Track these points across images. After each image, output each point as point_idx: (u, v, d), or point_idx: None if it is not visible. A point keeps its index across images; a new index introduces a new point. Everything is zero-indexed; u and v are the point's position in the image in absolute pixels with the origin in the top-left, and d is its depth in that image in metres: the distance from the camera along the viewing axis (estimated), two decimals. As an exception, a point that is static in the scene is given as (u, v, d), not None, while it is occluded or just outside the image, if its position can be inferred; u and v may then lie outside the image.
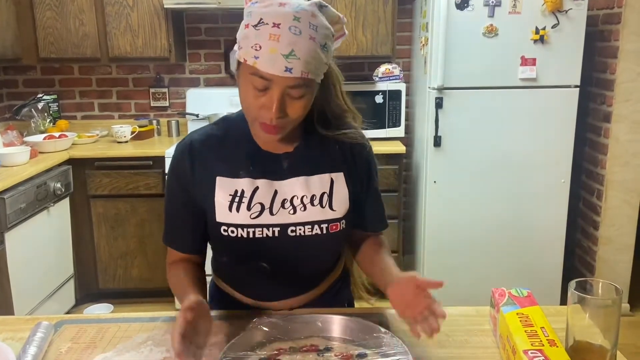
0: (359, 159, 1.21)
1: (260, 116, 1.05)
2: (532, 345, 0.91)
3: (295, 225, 1.12)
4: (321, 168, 1.16)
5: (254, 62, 1.00)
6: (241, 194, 1.12)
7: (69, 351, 1.07)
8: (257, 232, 1.11)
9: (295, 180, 1.14)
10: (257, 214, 1.11)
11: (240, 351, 0.99)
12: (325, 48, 1.03)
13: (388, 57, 3.33)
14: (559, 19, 2.84)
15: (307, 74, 1.00)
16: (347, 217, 1.17)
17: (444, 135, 3.00)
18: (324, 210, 1.14)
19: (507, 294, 1.09)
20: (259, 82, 1.01)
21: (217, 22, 3.59)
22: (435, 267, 3.18)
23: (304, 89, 1.03)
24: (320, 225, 1.13)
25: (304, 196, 1.13)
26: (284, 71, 0.98)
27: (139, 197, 3.17)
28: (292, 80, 1.00)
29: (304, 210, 1.13)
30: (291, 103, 1.03)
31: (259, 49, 0.99)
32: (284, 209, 1.12)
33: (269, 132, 1.07)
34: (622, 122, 2.98)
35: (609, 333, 0.94)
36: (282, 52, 0.98)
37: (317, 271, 1.25)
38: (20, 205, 2.59)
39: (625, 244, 3.11)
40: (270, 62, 0.98)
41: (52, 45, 3.25)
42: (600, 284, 0.97)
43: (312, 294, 1.25)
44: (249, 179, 1.13)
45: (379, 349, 0.99)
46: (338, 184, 1.16)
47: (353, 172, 1.20)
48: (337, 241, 1.21)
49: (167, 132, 3.62)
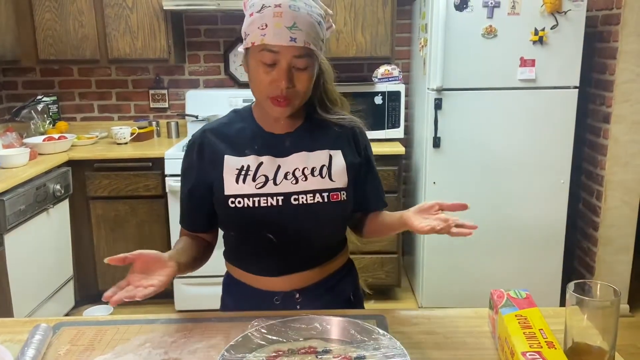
0: (356, 141, 1.31)
1: (271, 91, 1.15)
2: (530, 347, 0.91)
3: (297, 194, 1.20)
4: (320, 145, 1.26)
5: (262, 39, 1.12)
6: (247, 168, 1.22)
7: (67, 353, 1.07)
8: (262, 201, 1.19)
9: (296, 155, 1.24)
10: (261, 185, 1.21)
11: (238, 353, 0.98)
12: (320, 25, 1.16)
13: (387, 59, 3.33)
14: (558, 20, 2.85)
15: (309, 44, 1.12)
16: (347, 191, 1.24)
17: (443, 136, 3.00)
18: (323, 180, 1.22)
19: (505, 295, 1.09)
20: (268, 56, 1.13)
21: (217, 23, 3.59)
22: (434, 268, 3.18)
23: (307, 60, 1.14)
24: (321, 193, 1.21)
25: (304, 168, 1.23)
26: (289, 41, 1.10)
27: (139, 199, 3.17)
28: (297, 49, 1.12)
29: (305, 180, 1.22)
30: (298, 75, 1.15)
31: (265, 27, 1.11)
32: (286, 179, 1.21)
33: (280, 105, 1.17)
34: (622, 123, 2.98)
35: (607, 334, 0.93)
36: (286, 25, 1.10)
37: (321, 246, 1.29)
38: (19, 207, 2.59)
39: (625, 245, 3.11)
40: (277, 35, 1.10)
41: (52, 47, 3.25)
42: (599, 285, 0.97)
43: (316, 274, 1.29)
44: (254, 156, 1.23)
45: (378, 351, 0.99)
46: (336, 159, 1.25)
47: (350, 152, 1.29)
48: (338, 212, 1.25)
49: (167, 134, 3.63)
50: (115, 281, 3.77)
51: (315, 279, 1.30)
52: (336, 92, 1.32)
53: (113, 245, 3.21)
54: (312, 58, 1.16)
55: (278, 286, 1.28)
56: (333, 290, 1.32)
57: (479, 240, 3.12)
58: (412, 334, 1.12)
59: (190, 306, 3.15)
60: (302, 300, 1.29)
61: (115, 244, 3.21)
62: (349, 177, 1.25)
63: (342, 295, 1.34)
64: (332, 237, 1.32)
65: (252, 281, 1.30)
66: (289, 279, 1.27)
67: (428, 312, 1.22)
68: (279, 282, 1.28)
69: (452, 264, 3.15)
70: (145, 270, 1.10)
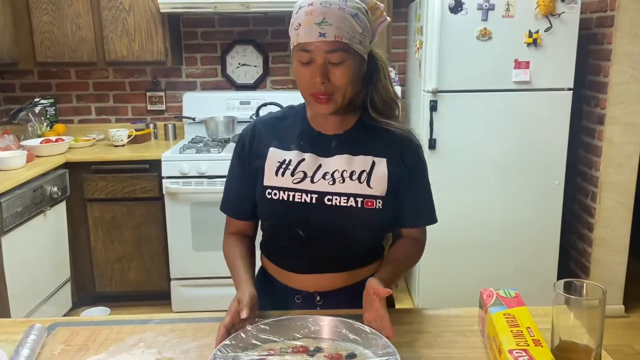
0: (405, 152, 1.27)
1: (310, 88, 1.17)
2: (517, 345, 0.93)
3: (332, 195, 1.21)
4: (366, 150, 1.25)
5: (296, 39, 1.15)
6: (288, 162, 1.24)
7: (61, 353, 1.08)
8: (296, 196, 1.22)
9: (339, 157, 1.24)
10: (298, 180, 1.23)
11: (231, 352, 1.00)
12: (357, 18, 1.15)
13: (383, 61, 3.34)
14: (552, 23, 2.86)
15: (340, 38, 1.12)
16: (385, 200, 1.22)
17: (439, 138, 3.01)
18: (361, 185, 1.22)
19: (495, 294, 1.10)
20: (303, 55, 1.15)
21: (214, 26, 3.61)
22: (430, 269, 3.19)
23: (342, 54, 1.14)
24: (356, 198, 1.21)
25: (344, 170, 1.23)
26: (318, 37, 1.12)
27: (136, 201, 3.17)
28: (327, 44, 1.12)
29: (342, 182, 1.22)
30: (333, 70, 1.15)
31: (299, 27, 1.14)
32: (324, 179, 1.22)
33: (320, 102, 1.18)
34: (616, 124, 2.99)
35: (594, 333, 0.95)
36: (315, 22, 1.12)
37: (349, 251, 1.28)
38: (16, 209, 2.60)
39: (620, 246, 3.13)
40: (307, 33, 1.13)
41: (49, 49, 3.26)
42: (585, 284, 0.98)
43: (341, 279, 1.28)
44: (297, 152, 1.25)
45: (368, 350, 1.01)
46: (379, 166, 1.24)
47: (395, 162, 1.25)
48: (372, 219, 1.23)
49: (164, 136, 3.64)
50: (112, 284, 3.78)
51: (339, 283, 1.28)
52: (391, 91, 1.27)
53: (110, 247, 3.22)
54: (348, 52, 1.14)
55: (301, 284, 1.29)
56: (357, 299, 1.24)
57: (475, 242, 3.14)
58: (403, 332, 1.13)
59: (187, 308, 3.15)
60: (323, 303, 1.28)
61: (112, 245, 3.22)
62: (389, 187, 1.23)
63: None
64: (362, 244, 1.29)
65: (278, 275, 1.33)
66: (312, 279, 1.28)
67: (419, 312, 1.24)
68: (302, 280, 1.29)
69: (448, 265, 3.16)
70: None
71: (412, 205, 1.30)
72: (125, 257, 3.24)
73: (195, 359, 1.04)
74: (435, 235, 3.08)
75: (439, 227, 3.45)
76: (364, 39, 1.16)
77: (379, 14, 1.22)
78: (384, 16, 1.24)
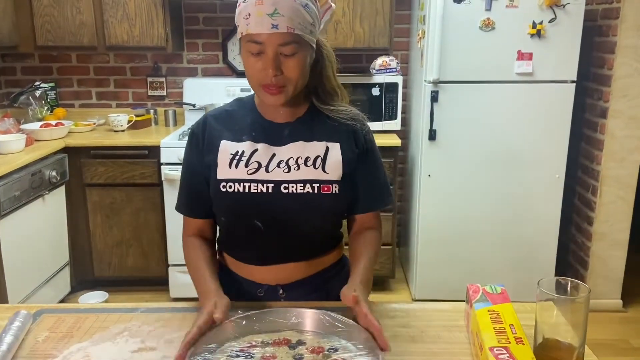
0: (357, 135, 1.27)
1: (261, 79, 1.14)
2: (499, 342, 0.92)
3: (288, 183, 1.19)
4: (318, 136, 1.24)
5: (246, 29, 1.11)
6: (241, 154, 1.22)
7: (45, 340, 1.08)
8: (252, 187, 1.19)
9: (292, 144, 1.22)
10: (253, 171, 1.20)
11: (212, 344, 1.00)
12: (307, 8, 1.13)
13: (385, 50, 3.32)
14: (557, 14, 2.83)
15: (292, 29, 1.10)
16: (341, 185, 1.21)
17: (439, 129, 3.00)
18: (316, 171, 1.20)
19: (481, 290, 1.10)
20: (254, 46, 1.12)
21: (215, 11, 3.58)
22: (428, 260, 3.19)
23: (294, 46, 1.12)
24: (312, 184, 1.19)
25: (298, 157, 1.21)
26: (270, 28, 1.09)
27: (135, 187, 3.18)
28: (280, 37, 1.10)
29: (297, 169, 1.20)
30: (285, 61, 1.13)
31: (249, 17, 1.10)
32: (279, 168, 1.20)
33: (272, 93, 1.15)
34: (619, 118, 2.96)
35: (577, 331, 0.94)
36: (266, 12, 1.08)
37: (308, 239, 1.27)
38: (14, 193, 2.61)
39: (619, 240, 3.11)
40: (259, 24, 1.09)
41: (50, 33, 3.25)
42: (569, 282, 0.97)
43: (302, 269, 1.27)
44: (250, 142, 1.23)
45: (350, 343, 1.00)
46: (333, 151, 1.23)
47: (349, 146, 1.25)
48: (329, 204, 1.22)
49: (164, 122, 3.63)
50: (110, 269, 3.79)
51: (301, 274, 1.28)
52: (334, 81, 1.28)
53: (109, 232, 3.23)
54: (301, 44, 1.13)
55: (262, 277, 1.28)
56: (320, 289, 1.29)
57: (473, 233, 3.13)
58: (388, 327, 1.12)
59: (185, 294, 3.16)
60: (286, 296, 1.28)
61: (111, 230, 3.23)
62: (344, 171, 1.22)
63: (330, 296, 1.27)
64: (320, 231, 1.29)
65: (239, 269, 1.31)
66: (273, 270, 1.27)
67: (406, 306, 1.23)
68: (263, 272, 1.27)
69: (446, 257, 3.16)
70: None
71: (366, 189, 1.29)
72: (123, 242, 3.25)
73: (178, 349, 1.03)
74: (434, 227, 3.13)
75: (437, 219, 3.47)
76: (313, 29, 1.15)
77: (324, 1, 1.20)
78: (329, 3, 1.21)
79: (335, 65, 1.27)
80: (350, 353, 0.97)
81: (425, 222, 3.15)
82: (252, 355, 0.97)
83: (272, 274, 1.27)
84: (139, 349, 1.05)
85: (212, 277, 1.19)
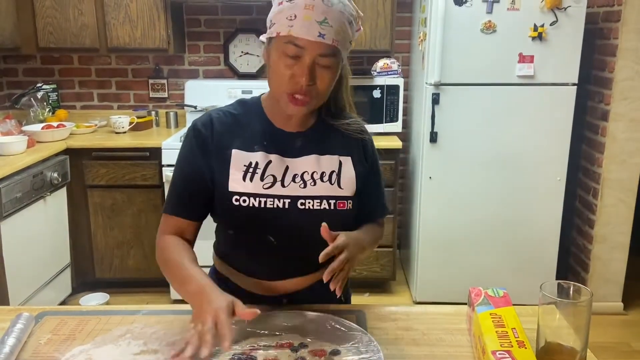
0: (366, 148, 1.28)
1: (290, 87, 1.10)
2: (501, 346, 0.92)
3: (305, 199, 1.17)
4: (331, 150, 1.22)
5: (289, 30, 1.07)
6: (255, 166, 1.17)
7: (48, 342, 1.08)
8: (268, 202, 1.16)
9: (306, 157, 1.20)
10: (269, 185, 1.17)
11: (215, 346, 0.99)
12: (351, 25, 1.11)
13: (387, 52, 3.32)
14: (558, 16, 2.83)
15: (337, 43, 1.08)
16: (354, 200, 1.21)
17: (440, 132, 3.00)
18: (332, 187, 1.19)
19: (483, 293, 1.10)
20: (292, 49, 1.08)
21: (217, 13, 3.59)
22: (429, 262, 3.19)
23: (332, 60, 1.09)
24: (328, 200, 1.18)
25: (314, 172, 1.19)
26: (317, 36, 1.06)
27: (136, 188, 3.18)
28: (324, 47, 1.07)
29: (314, 185, 1.18)
30: (320, 72, 1.10)
31: (294, 18, 1.06)
32: (294, 182, 1.18)
33: (297, 103, 1.12)
34: (620, 121, 2.96)
35: (579, 335, 0.94)
36: (316, 19, 1.05)
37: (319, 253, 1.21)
38: (16, 195, 2.61)
39: (620, 243, 3.11)
40: (305, 28, 1.06)
41: (52, 34, 3.26)
42: (572, 286, 0.97)
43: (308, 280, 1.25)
44: (263, 153, 1.19)
45: (352, 346, 1.00)
46: (346, 166, 1.22)
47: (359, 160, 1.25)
48: (344, 220, 1.21)
49: (166, 124, 3.63)
50: (111, 270, 3.78)
51: (306, 284, 1.26)
52: (348, 99, 1.27)
53: (110, 233, 3.23)
54: (337, 58, 1.10)
55: (267, 290, 1.24)
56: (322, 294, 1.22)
57: (474, 236, 3.13)
58: (390, 329, 1.13)
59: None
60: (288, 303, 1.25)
61: (112, 232, 3.23)
62: (357, 186, 1.22)
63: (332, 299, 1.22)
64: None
65: (240, 281, 1.26)
66: (280, 284, 1.24)
67: (408, 309, 1.23)
68: (269, 286, 1.24)
69: (447, 259, 3.16)
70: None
71: (372, 201, 1.29)
72: (125, 243, 3.25)
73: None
74: (434, 229, 3.13)
75: (438, 221, 3.46)
76: (349, 47, 1.14)
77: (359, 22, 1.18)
78: (360, 25, 1.19)
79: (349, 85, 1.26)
80: (352, 356, 0.98)
81: (426, 225, 3.15)
82: (254, 358, 0.98)
83: (278, 288, 1.24)
84: (141, 351, 1.05)
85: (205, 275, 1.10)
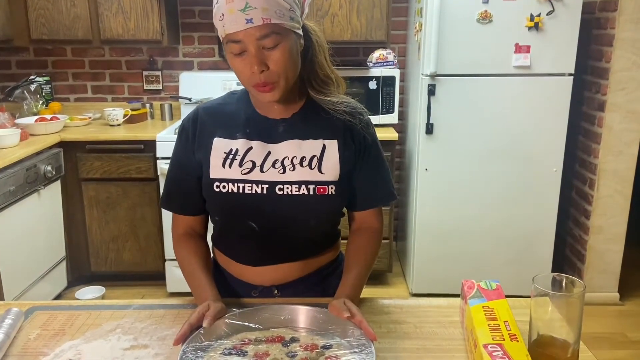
0: (355, 131, 1.22)
1: (252, 80, 1.10)
2: (493, 339, 0.91)
3: (283, 184, 1.16)
4: (315, 134, 1.20)
5: (223, 30, 1.07)
6: (235, 152, 1.18)
7: (37, 338, 1.07)
8: (246, 187, 1.16)
9: (288, 142, 1.19)
10: (247, 171, 1.17)
11: (205, 341, 0.99)
12: None
13: (383, 43, 3.30)
14: (554, 6, 2.81)
15: (268, 20, 1.05)
16: (338, 185, 1.18)
17: (436, 123, 2.98)
18: (312, 171, 1.17)
19: (476, 286, 1.09)
20: (235, 47, 1.07)
21: (211, 4, 3.50)
22: (426, 254, 3.18)
23: (275, 37, 1.06)
24: (307, 185, 1.16)
25: (294, 157, 1.17)
26: (245, 24, 1.04)
27: (131, 181, 3.16)
28: (257, 30, 1.05)
29: (293, 170, 1.17)
30: (269, 55, 1.08)
31: (223, 17, 1.06)
32: (274, 168, 1.17)
33: (264, 91, 1.11)
34: (616, 111, 2.95)
35: (572, 327, 0.93)
36: (238, 9, 1.04)
37: (303, 240, 1.25)
38: (9, 188, 2.60)
39: (616, 234, 3.10)
40: (233, 22, 1.04)
41: (44, 26, 3.22)
42: (565, 278, 0.97)
43: (297, 269, 1.25)
44: (244, 140, 1.19)
45: (344, 340, 1.00)
46: (330, 150, 1.19)
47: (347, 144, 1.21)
48: (325, 206, 1.19)
49: (160, 116, 3.61)
50: (107, 264, 3.77)
51: (296, 274, 1.26)
52: (328, 68, 1.21)
53: (105, 227, 3.22)
54: (280, 33, 1.07)
55: (257, 278, 1.25)
56: (315, 287, 1.27)
57: (471, 227, 3.12)
58: (382, 322, 1.12)
59: (182, 289, 3.13)
60: (281, 295, 1.26)
61: (107, 225, 3.22)
62: (341, 171, 1.18)
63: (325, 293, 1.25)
64: (316, 232, 1.25)
65: (233, 269, 1.28)
66: (268, 271, 1.24)
67: (400, 302, 1.22)
68: (258, 273, 1.25)
69: (444, 250, 3.15)
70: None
71: (366, 186, 1.25)
72: (120, 237, 3.24)
73: (170, 347, 1.02)
74: (431, 221, 3.12)
75: (434, 213, 3.46)
76: (294, 14, 1.09)
77: None
78: None
79: (327, 51, 1.21)
80: (343, 350, 0.97)
81: (423, 216, 3.14)
82: (245, 353, 0.97)
83: (267, 275, 1.25)
84: (131, 346, 1.04)
85: (208, 283, 1.17)
